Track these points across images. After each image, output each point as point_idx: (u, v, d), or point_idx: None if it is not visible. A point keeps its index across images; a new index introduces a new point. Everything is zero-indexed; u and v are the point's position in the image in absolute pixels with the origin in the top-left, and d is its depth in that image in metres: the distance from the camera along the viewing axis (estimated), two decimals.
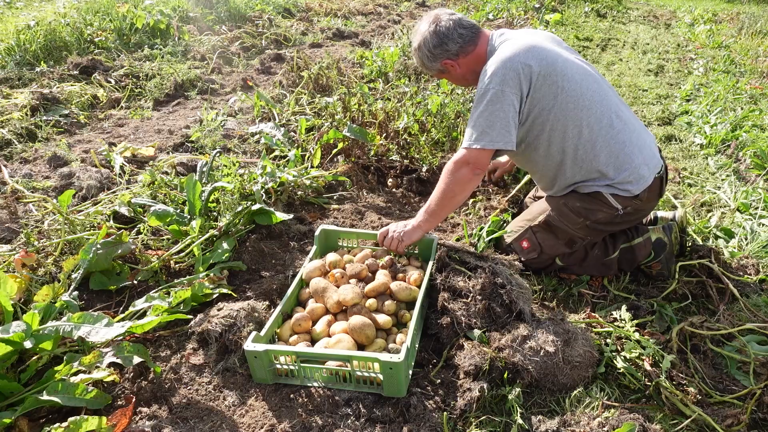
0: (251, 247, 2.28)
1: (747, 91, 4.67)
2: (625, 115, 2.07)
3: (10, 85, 4.32)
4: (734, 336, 1.86)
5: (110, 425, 1.43)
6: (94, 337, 1.48)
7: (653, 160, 2.07)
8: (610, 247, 2.18)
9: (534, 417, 1.54)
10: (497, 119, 1.92)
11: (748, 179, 3.13)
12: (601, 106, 2.00)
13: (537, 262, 2.20)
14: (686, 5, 10.15)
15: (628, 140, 2.02)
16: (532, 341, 1.67)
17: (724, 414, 1.54)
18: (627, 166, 2.00)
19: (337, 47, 6.21)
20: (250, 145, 3.41)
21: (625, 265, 2.20)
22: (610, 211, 2.04)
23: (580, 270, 2.23)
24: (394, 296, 1.92)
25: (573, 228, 2.10)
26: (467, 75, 2.18)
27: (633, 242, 2.17)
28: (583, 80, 2.00)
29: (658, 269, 2.18)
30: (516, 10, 7.77)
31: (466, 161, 1.98)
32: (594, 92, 2.00)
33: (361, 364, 1.58)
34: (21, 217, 2.47)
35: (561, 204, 2.11)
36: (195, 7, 7.18)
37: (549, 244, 2.15)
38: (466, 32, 2.08)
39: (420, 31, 2.13)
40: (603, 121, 1.99)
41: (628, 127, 2.04)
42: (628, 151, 2.01)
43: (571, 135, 1.99)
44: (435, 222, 2.10)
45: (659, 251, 2.16)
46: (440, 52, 2.10)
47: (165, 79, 4.60)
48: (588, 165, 2.02)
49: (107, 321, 1.53)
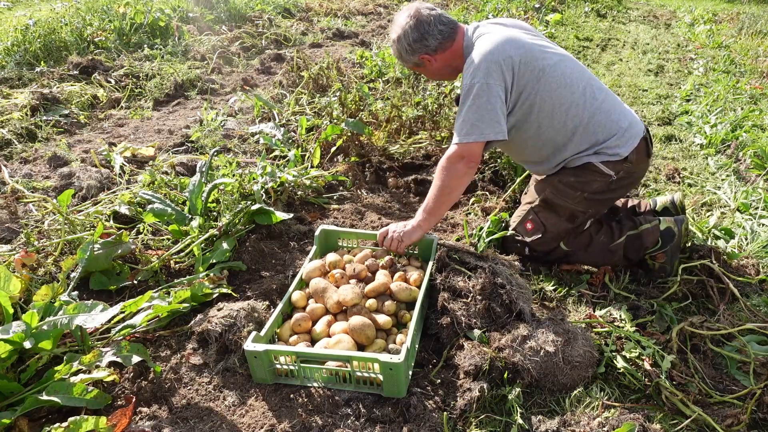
0: (251, 247, 2.28)
1: (747, 91, 4.66)
2: (603, 87, 2.19)
3: (10, 85, 4.32)
4: (734, 336, 1.86)
5: (110, 425, 1.43)
6: (91, 323, 1.48)
7: (636, 122, 2.16)
8: (616, 233, 2.20)
9: (534, 417, 1.54)
10: (486, 111, 1.96)
11: (748, 179, 3.13)
12: (581, 82, 2.10)
13: (542, 243, 2.21)
14: (686, 5, 10.15)
15: (611, 108, 2.12)
16: (532, 341, 1.66)
17: (724, 414, 1.54)
18: (615, 131, 2.09)
19: (337, 47, 6.21)
20: (250, 145, 3.41)
21: (632, 252, 2.19)
22: (604, 179, 2.10)
23: (585, 256, 2.23)
24: (394, 296, 1.92)
25: (572, 203, 2.14)
26: (443, 70, 2.20)
27: (641, 228, 2.18)
28: (560, 62, 2.10)
29: (662, 262, 2.17)
30: (516, 10, 7.77)
31: (460, 156, 2.02)
32: (572, 70, 2.11)
33: (361, 365, 1.58)
34: (21, 217, 2.47)
35: (556, 182, 2.17)
36: (195, 7, 7.18)
37: (551, 221, 2.18)
38: (445, 28, 2.10)
39: (399, 23, 2.12)
40: (586, 95, 2.09)
41: (609, 97, 2.16)
42: (614, 117, 2.11)
43: (559, 113, 2.07)
44: (435, 220, 2.11)
45: (667, 241, 2.16)
46: (419, 47, 2.11)
47: (165, 79, 4.60)
48: (578, 138, 2.09)
49: (102, 307, 1.52)
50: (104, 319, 1.50)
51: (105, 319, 1.50)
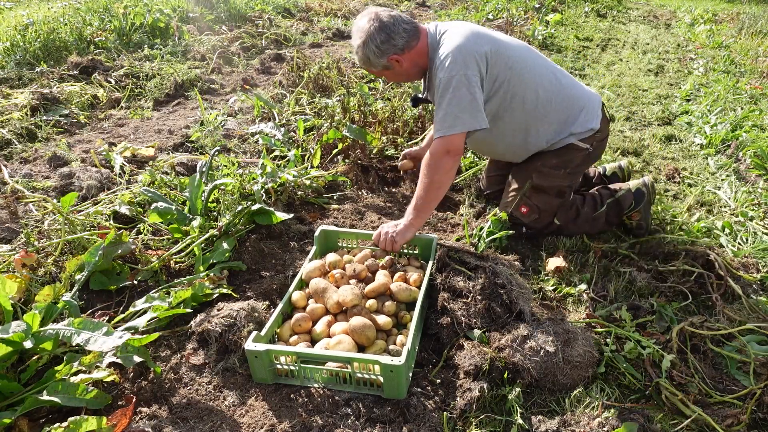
0: (251, 247, 2.28)
1: (747, 91, 4.66)
2: (562, 70, 2.37)
3: (10, 85, 4.32)
4: (734, 336, 1.86)
5: (110, 425, 1.43)
6: (92, 346, 1.48)
7: (594, 96, 2.38)
8: (597, 202, 2.46)
9: (534, 417, 1.54)
10: (467, 103, 2.02)
11: (748, 179, 3.13)
12: (545, 69, 2.26)
13: (538, 222, 2.40)
14: (686, 5, 10.15)
15: (573, 87, 2.31)
16: (532, 341, 1.67)
17: (724, 414, 1.54)
18: (583, 107, 2.28)
19: (337, 47, 6.21)
20: (250, 145, 3.41)
21: (613, 217, 2.46)
22: (582, 153, 2.31)
23: (575, 227, 2.45)
24: (394, 297, 1.92)
25: (558, 181, 2.33)
26: (410, 70, 2.22)
27: (617, 195, 2.45)
28: (524, 51, 2.24)
29: (638, 219, 2.44)
30: (516, 10, 7.77)
31: (445, 150, 2.05)
32: (535, 59, 2.26)
33: (361, 366, 1.58)
34: (21, 217, 2.47)
35: (539, 166, 2.33)
36: (195, 7, 7.17)
37: (544, 201, 2.36)
38: (408, 26, 2.13)
39: (362, 28, 2.12)
40: (552, 80, 2.24)
41: (570, 80, 2.35)
42: (578, 94, 2.30)
43: (530, 98, 2.19)
44: (425, 217, 2.13)
45: (639, 200, 2.42)
46: (387, 48, 2.11)
47: (165, 79, 4.60)
48: (550, 119, 2.25)
49: (106, 330, 1.51)
50: (106, 347, 1.48)
51: (107, 346, 1.48)
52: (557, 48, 6.32)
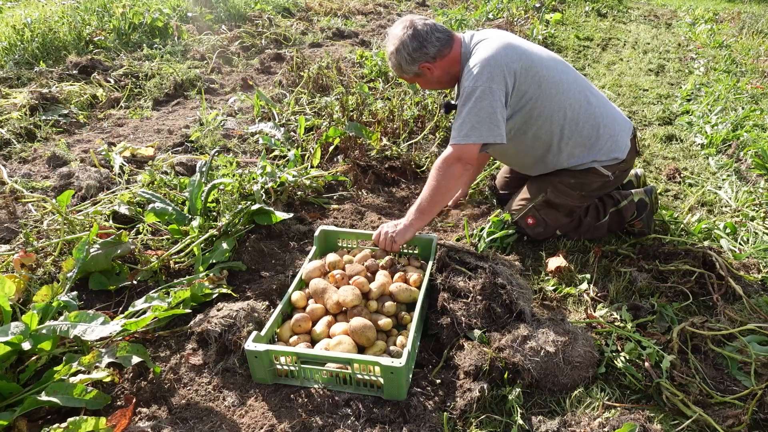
0: (251, 247, 2.28)
1: (748, 91, 4.66)
2: (596, 92, 2.33)
3: (9, 84, 4.31)
4: (735, 336, 1.85)
5: (110, 426, 1.43)
6: (90, 336, 1.49)
7: (627, 124, 2.35)
8: (600, 212, 2.44)
9: (534, 417, 1.53)
10: (486, 115, 2.01)
11: (749, 179, 3.12)
12: (577, 87, 2.22)
13: (542, 234, 2.41)
14: (687, 5, 10.15)
15: (605, 113, 2.26)
16: (533, 341, 1.66)
17: (725, 414, 1.53)
18: (609, 135, 2.24)
19: (336, 47, 6.20)
20: (249, 145, 3.40)
21: (615, 225, 2.46)
22: (602, 179, 2.28)
23: (576, 235, 2.46)
24: (394, 297, 1.91)
25: (571, 201, 2.32)
26: (442, 78, 2.23)
27: (620, 206, 2.42)
28: (557, 67, 2.20)
29: (640, 227, 2.44)
30: (516, 10, 7.76)
31: (457, 157, 2.06)
32: (568, 76, 2.22)
33: (361, 367, 1.57)
34: (20, 217, 2.46)
35: (556, 182, 2.31)
36: (194, 6, 7.17)
37: (552, 218, 2.35)
38: (442, 35, 2.14)
39: (396, 35, 2.15)
40: (581, 101, 2.20)
41: (602, 102, 2.30)
42: (607, 122, 2.25)
43: (557, 118, 2.17)
44: (427, 220, 2.13)
45: (642, 210, 2.41)
46: (419, 55, 2.13)
47: (164, 79, 4.60)
48: (574, 141, 2.22)
49: (103, 320, 1.53)
50: (103, 334, 1.50)
51: (104, 333, 1.50)
52: (558, 48, 6.31)
